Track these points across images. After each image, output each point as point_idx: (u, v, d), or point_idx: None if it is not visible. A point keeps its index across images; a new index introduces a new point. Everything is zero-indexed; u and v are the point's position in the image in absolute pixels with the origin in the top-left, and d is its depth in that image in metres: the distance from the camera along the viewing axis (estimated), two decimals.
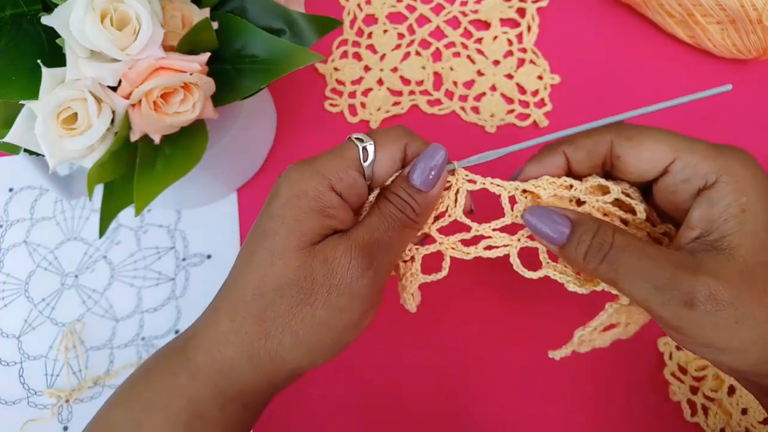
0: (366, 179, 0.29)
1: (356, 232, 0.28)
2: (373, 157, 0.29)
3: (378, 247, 0.28)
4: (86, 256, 0.48)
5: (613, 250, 0.26)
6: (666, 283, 0.25)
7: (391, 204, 0.29)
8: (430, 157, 0.29)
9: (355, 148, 0.29)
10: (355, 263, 0.27)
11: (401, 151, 0.30)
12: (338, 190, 0.28)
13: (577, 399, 0.43)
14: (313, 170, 0.28)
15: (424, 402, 0.43)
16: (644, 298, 0.26)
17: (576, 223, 0.27)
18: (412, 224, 0.29)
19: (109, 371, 0.45)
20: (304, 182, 0.28)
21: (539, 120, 0.51)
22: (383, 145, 0.29)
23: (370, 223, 0.28)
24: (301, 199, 0.27)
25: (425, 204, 0.29)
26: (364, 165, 0.29)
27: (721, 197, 0.26)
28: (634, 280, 0.26)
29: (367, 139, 0.29)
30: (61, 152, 0.31)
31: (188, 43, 0.33)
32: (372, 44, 0.54)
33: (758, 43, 0.48)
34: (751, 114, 0.51)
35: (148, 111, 0.31)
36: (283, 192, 0.28)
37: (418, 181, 0.29)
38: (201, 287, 0.47)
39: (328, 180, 0.28)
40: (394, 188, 0.29)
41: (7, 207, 0.50)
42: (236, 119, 0.42)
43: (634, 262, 0.26)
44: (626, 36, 0.54)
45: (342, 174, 0.28)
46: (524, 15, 0.54)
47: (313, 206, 0.27)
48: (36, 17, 0.32)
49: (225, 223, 0.48)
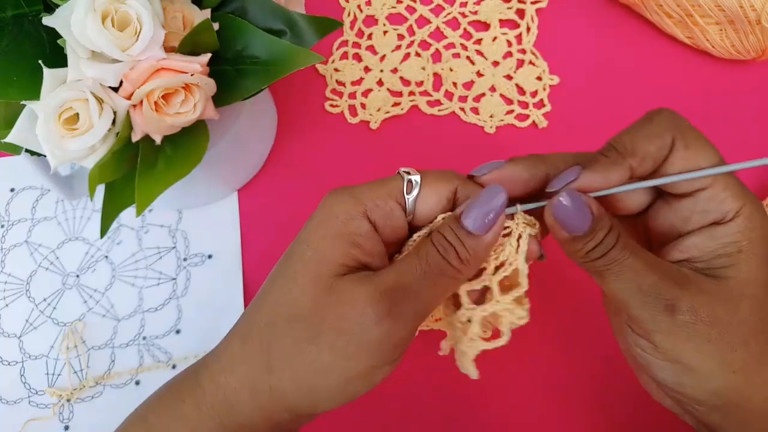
0: (407, 213, 0.27)
1: (382, 274, 0.26)
2: (418, 191, 0.27)
3: (404, 294, 0.25)
4: (87, 256, 0.48)
5: (614, 249, 0.26)
6: (651, 286, 0.25)
7: (432, 246, 0.26)
8: (488, 198, 0.26)
9: (400, 179, 0.27)
10: (369, 310, 0.24)
11: (450, 192, 0.28)
12: (372, 218, 0.26)
13: (578, 400, 0.43)
14: (350, 194, 0.27)
15: (423, 402, 0.43)
16: (625, 297, 0.25)
17: (597, 218, 0.25)
18: (453, 273, 0.26)
19: (110, 371, 0.45)
20: (337, 204, 0.26)
21: (538, 121, 0.51)
22: (431, 182, 0.27)
23: (402, 265, 0.26)
24: (329, 221, 0.26)
25: (476, 251, 0.26)
26: (407, 197, 0.27)
27: (726, 236, 0.25)
28: (622, 278, 0.25)
29: (415, 173, 0.27)
30: (63, 152, 0.31)
31: (189, 44, 0.33)
32: (372, 45, 0.54)
33: (757, 43, 0.48)
34: (749, 115, 0.51)
35: (150, 111, 0.31)
36: (317, 214, 0.27)
37: (471, 223, 0.26)
38: (202, 287, 0.47)
39: (363, 206, 0.26)
40: (441, 229, 0.26)
41: (9, 207, 0.50)
42: (237, 120, 0.42)
43: (627, 262, 0.25)
44: (625, 37, 0.54)
45: (379, 201, 0.26)
46: (523, 16, 0.55)
47: (340, 230, 0.26)
48: (37, 18, 0.32)
49: (226, 223, 0.48)
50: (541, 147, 0.50)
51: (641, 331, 0.26)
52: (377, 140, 0.51)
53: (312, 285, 0.25)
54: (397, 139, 0.51)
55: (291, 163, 0.50)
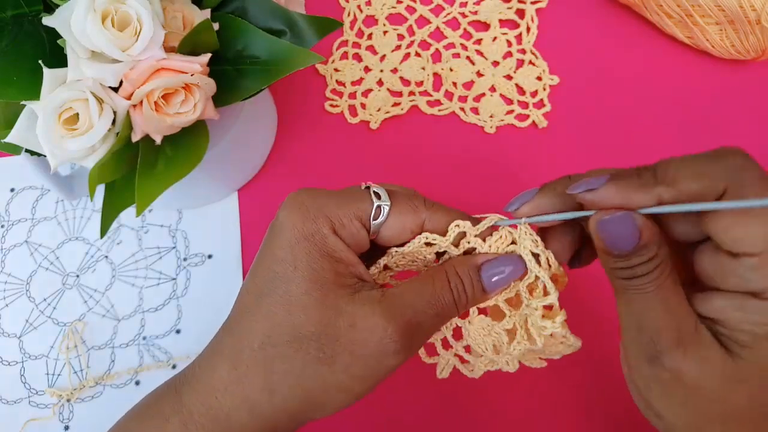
0: (370, 234, 0.28)
1: (397, 306, 0.26)
2: (384, 219, 0.27)
3: (418, 330, 0.26)
4: (87, 256, 0.48)
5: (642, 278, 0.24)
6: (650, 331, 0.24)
7: (449, 291, 0.27)
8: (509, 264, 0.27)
9: (369, 201, 0.27)
10: (390, 342, 0.25)
11: (417, 225, 0.28)
12: (340, 234, 0.27)
13: (578, 401, 0.43)
14: (316, 210, 0.26)
15: (423, 402, 0.43)
16: (624, 323, 0.25)
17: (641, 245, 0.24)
18: (454, 315, 0.28)
19: (110, 371, 0.45)
20: (309, 222, 0.26)
21: (538, 121, 0.51)
22: (400, 212, 0.27)
23: (417, 302, 0.26)
24: (308, 241, 0.26)
25: (478, 303, 0.28)
26: (373, 222, 0.27)
27: (757, 313, 0.23)
28: (630, 307, 0.25)
29: (385, 198, 0.27)
30: (63, 152, 0.31)
31: (189, 44, 0.33)
32: (372, 45, 0.54)
33: (757, 43, 0.48)
34: (749, 115, 0.51)
35: (150, 112, 0.31)
36: (287, 231, 0.26)
37: (489, 283, 0.27)
38: (202, 287, 0.47)
39: (331, 223, 0.26)
40: (461, 275, 0.27)
41: (9, 207, 0.50)
42: (237, 120, 0.42)
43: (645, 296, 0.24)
44: (625, 37, 0.54)
45: (345, 221, 0.27)
46: (523, 16, 0.55)
47: (321, 251, 0.26)
48: (37, 18, 0.32)
49: (226, 223, 0.48)
50: (541, 147, 0.50)
51: (625, 357, 0.26)
52: (377, 140, 0.51)
53: (316, 307, 0.25)
54: (397, 139, 0.51)
55: (291, 163, 0.50)
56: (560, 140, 0.50)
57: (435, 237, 0.28)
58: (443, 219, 0.28)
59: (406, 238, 0.28)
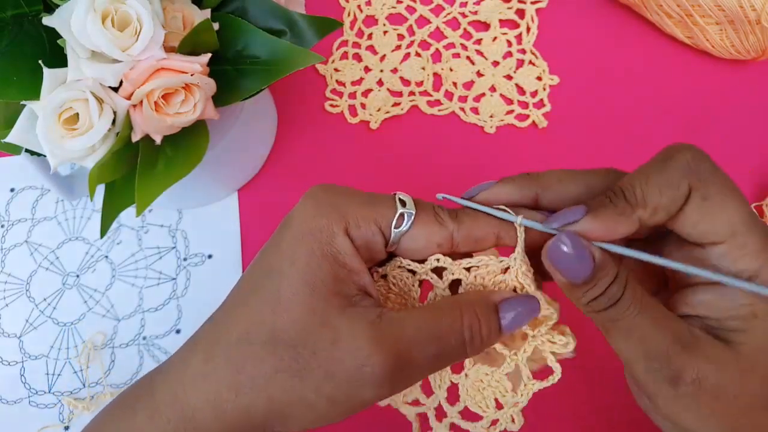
0: (389, 244, 0.25)
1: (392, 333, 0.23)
2: (408, 228, 0.25)
3: (409, 367, 0.24)
4: (87, 256, 0.48)
5: (619, 303, 0.24)
6: (658, 353, 0.23)
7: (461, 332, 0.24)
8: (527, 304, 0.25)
9: (392, 207, 0.25)
10: (369, 371, 0.23)
11: (444, 239, 0.25)
12: (352, 236, 0.25)
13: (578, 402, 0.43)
14: (333, 205, 0.25)
15: None
16: (630, 359, 0.24)
17: (598, 266, 0.24)
18: (460, 360, 0.25)
19: (110, 371, 0.45)
20: (320, 217, 0.24)
21: (538, 121, 0.51)
22: (424, 223, 0.25)
23: (416, 335, 0.24)
24: (314, 237, 0.24)
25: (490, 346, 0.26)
26: (394, 231, 0.25)
27: (738, 297, 0.23)
28: (628, 340, 0.24)
29: (410, 206, 0.25)
30: (63, 152, 0.31)
31: (189, 44, 0.33)
32: (372, 45, 0.54)
33: (757, 43, 0.48)
34: (749, 115, 0.51)
35: (150, 111, 0.31)
36: (296, 224, 0.25)
37: (506, 324, 0.25)
38: (202, 287, 0.47)
39: (345, 222, 0.24)
40: (480, 314, 0.25)
41: (9, 207, 0.50)
42: (237, 120, 0.42)
43: (635, 320, 0.24)
44: (625, 37, 0.54)
45: (362, 223, 0.24)
46: (523, 16, 0.55)
47: (324, 250, 0.24)
48: (37, 18, 0.32)
49: (226, 223, 0.48)
50: (541, 147, 0.50)
51: (641, 392, 0.25)
52: (377, 140, 0.51)
53: (302, 311, 0.23)
54: (397, 139, 0.51)
55: (291, 163, 0.50)
56: (560, 140, 0.50)
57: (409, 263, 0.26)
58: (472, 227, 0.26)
59: (433, 252, 0.26)
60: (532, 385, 0.27)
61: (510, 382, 0.27)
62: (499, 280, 0.26)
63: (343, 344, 0.23)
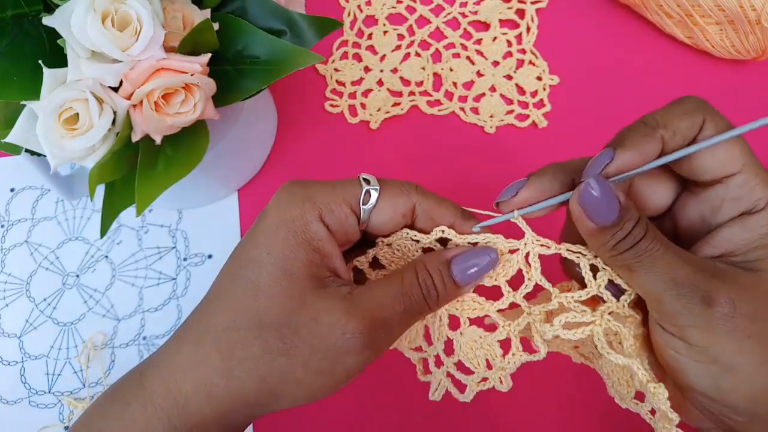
0: (360, 222, 0.28)
1: (363, 302, 0.26)
2: (374, 204, 0.27)
3: (383, 327, 0.26)
4: (87, 256, 0.48)
5: (644, 239, 0.24)
6: (686, 277, 0.24)
7: (417, 286, 0.27)
8: (480, 257, 0.27)
9: (358, 186, 0.27)
10: (350, 338, 0.25)
11: (407, 209, 0.28)
12: (326, 222, 0.27)
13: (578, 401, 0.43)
14: (305, 195, 0.27)
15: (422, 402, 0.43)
16: (659, 291, 0.24)
17: (624, 208, 0.24)
18: (426, 312, 0.27)
19: (110, 371, 0.45)
20: (293, 208, 0.26)
21: (538, 121, 0.51)
22: (389, 195, 0.27)
23: (383, 299, 0.26)
24: (288, 226, 0.26)
25: (452, 298, 0.27)
26: (363, 207, 0.27)
27: (760, 226, 0.24)
28: (654, 270, 0.24)
29: (374, 183, 0.27)
30: (63, 152, 0.31)
31: (189, 44, 0.33)
32: (372, 45, 0.54)
33: (757, 43, 0.48)
34: (749, 115, 0.51)
35: (150, 111, 0.31)
36: (271, 216, 0.26)
37: (460, 276, 0.27)
38: (202, 287, 0.47)
39: (318, 209, 0.26)
40: (430, 269, 0.27)
41: (9, 207, 0.50)
42: (237, 120, 0.42)
43: (658, 253, 0.24)
44: (625, 37, 0.54)
45: (334, 207, 0.27)
46: (523, 16, 0.55)
47: (299, 238, 0.26)
48: (37, 18, 0.32)
49: (226, 223, 0.48)
50: (541, 147, 0.50)
51: (674, 328, 0.25)
52: (377, 140, 0.51)
53: (282, 296, 0.25)
54: (397, 139, 0.51)
55: (291, 163, 0.50)
56: (560, 140, 0.50)
57: (416, 234, 0.28)
58: (434, 207, 0.28)
59: (398, 224, 0.28)
60: (520, 356, 0.28)
61: (501, 349, 0.28)
62: (505, 258, 0.28)
63: (322, 320, 0.25)
